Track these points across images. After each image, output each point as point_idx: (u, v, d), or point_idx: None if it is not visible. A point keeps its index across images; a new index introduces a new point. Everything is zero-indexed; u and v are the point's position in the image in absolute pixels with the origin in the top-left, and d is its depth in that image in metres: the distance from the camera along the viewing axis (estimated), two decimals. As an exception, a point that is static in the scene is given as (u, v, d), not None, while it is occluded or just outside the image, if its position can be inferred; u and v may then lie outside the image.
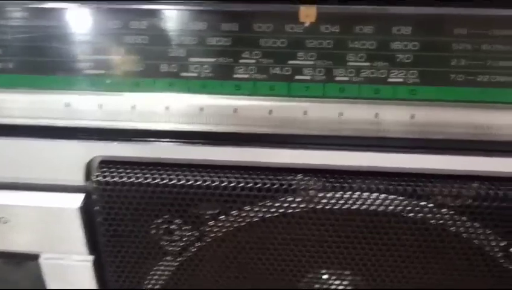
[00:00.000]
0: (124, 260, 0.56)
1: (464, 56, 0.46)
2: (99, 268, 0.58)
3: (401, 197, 0.50)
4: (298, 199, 0.50)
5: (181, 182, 0.50)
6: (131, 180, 0.51)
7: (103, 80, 0.49)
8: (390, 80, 0.48)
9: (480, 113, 0.48)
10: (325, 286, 0.61)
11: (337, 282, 0.59)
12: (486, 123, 0.48)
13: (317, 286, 0.61)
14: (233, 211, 0.51)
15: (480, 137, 0.48)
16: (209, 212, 0.52)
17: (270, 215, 0.51)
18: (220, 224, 0.52)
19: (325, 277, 0.60)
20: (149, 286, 0.57)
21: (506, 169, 0.50)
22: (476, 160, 0.50)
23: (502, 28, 0.45)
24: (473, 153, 0.49)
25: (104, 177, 0.51)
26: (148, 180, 0.51)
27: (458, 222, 0.50)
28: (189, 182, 0.50)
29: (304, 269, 0.58)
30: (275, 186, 0.50)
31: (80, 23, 0.48)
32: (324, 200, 0.50)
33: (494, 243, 0.51)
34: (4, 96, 0.50)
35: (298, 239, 0.55)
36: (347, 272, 0.59)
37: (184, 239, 0.53)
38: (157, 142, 0.51)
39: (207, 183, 0.50)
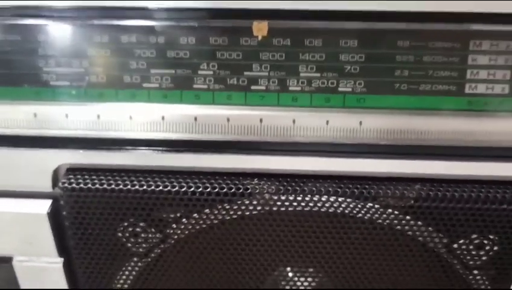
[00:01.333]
0: (92, 262, 0.58)
1: (407, 67, 0.50)
2: (69, 269, 0.61)
3: (349, 199, 0.53)
4: (254, 202, 0.53)
5: (144, 188, 0.53)
6: (97, 186, 0.53)
7: (69, 91, 0.51)
8: (339, 89, 0.51)
9: (421, 120, 0.51)
10: (291, 283, 0.63)
11: (302, 279, 0.62)
12: (427, 129, 0.51)
13: (283, 283, 0.63)
14: (194, 214, 0.54)
15: (421, 142, 0.52)
16: (172, 215, 0.55)
17: (228, 217, 0.54)
18: (182, 226, 0.54)
19: (290, 274, 0.63)
20: (118, 286, 0.60)
21: (444, 171, 0.53)
22: (418, 163, 0.53)
23: (441, 41, 0.49)
24: (415, 157, 0.53)
25: (71, 183, 0.53)
26: (112, 186, 0.53)
27: (403, 221, 0.54)
28: (152, 187, 0.53)
29: (268, 268, 0.60)
30: (232, 190, 0.53)
31: (45, 38, 0.50)
32: (279, 203, 0.53)
33: (437, 240, 0.54)
34: None
35: (257, 240, 0.57)
36: (310, 270, 0.62)
37: (149, 241, 0.56)
38: (121, 150, 0.53)
39: (168, 188, 0.53)
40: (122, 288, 0.61)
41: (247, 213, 0.53)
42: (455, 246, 0.55)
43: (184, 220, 0.54)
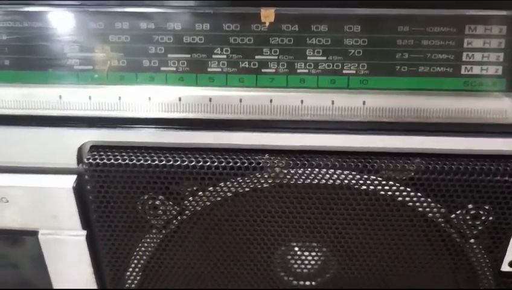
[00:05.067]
0: (114, 234, 0.64)
1: (407, 50, 0.57)
2: (92, 242, 0.67)
3: (353, 173, 0.59)
4: (265, 176, 0.60)
5: (162, 163, 0.60)
6: (118, 161, 0.60)
7: (91, 75, 0.59)
8: (344, 71, 0.58)
9: (420, 100, 0.58)
10: (296, 258, 0.69)
11: (306, 253, 0.69)
12: (426, 108, 0.58)
13: (289, 257, 0.69)
14: (210, 188, 0.60)
15: (420, 120, 0.59)
16: (188, 189, 0.61)
17: (241, 190, 0.60)
18: (198, 199, 0.61)
19: (296, 249, 0.69)
20: (138, 257, 0.66)
21: (442, 146, 0.60)
22: (417, 139, 0.60)
23: (438, 26, 0.56)
24: (415, 133, 0.59)
25: (94, 159, 0.60)
26: (133, 161, 0.60)
27: (404, 193, 0.60)
28: (170, 162, 0.60)
29: (276, 242, 0.67)
30: (245, 164, 0.60)
31: (69, 25, 0.57)
32: (288, 176, 0.60)
33: (436, 211, 0.61)
34: (4, 90, 0.59)
35: (268, 212, 0.63)
36: (314, 244, 0.68)
37: (167, 214, 0.63)
38: (141, 129, 0.60)
39: (185, 163, 0.59)
40: (140, 263, 0.67)
41: (259, 186, 0.60)
42: (453, 216, 0.61)
43: (200, 193, 0.61)
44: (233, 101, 0.59)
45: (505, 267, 0.66)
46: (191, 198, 0.62)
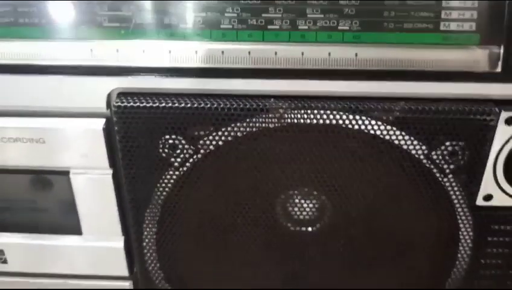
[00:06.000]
0: (137, 172, 0.69)
1: (393, 9, 0.62)
2: (117, 180, 0.72)
3: (347, 113, 0.65)
4: (271, 116, 0.65)
5: (181, 106, 0.65)
6: (142, 105, 0.65)
7: (118, 31, 0.64)
8: (339, 27, 0.63)
9: (405, 52, 0.64)
10: (297, 207, 0.75)
11: (307, 201, 0.75)
12: (410, 58, 0.64)
13: (288, 205, 0.75)
14: (222, 128, 0.66)
15: (405, 68, 0.64)
16: (202, 131, 0.67)
17: (250, 130, 0.66)
18: (211, 139, 0.67)
19: (295, 197, 0.75)
20: (158, 193, 0.71)
21: (424, 91, 0.65)
22: (402, 85, 0.65)
23: None
24: (400, 79, 0.65)
25: (122, 103, 0.65)
26: (155, 105, 0.65)
27: (390, 132, 0.66)
28: (188, 106, 0.65)
29: (278, 187, 0.73)
30: (253, 106, 0.65)
31: None
32: (291, 116, 0.66)
33: (418, 148, 0.66)
34: (43, 44, 0.65)
35: (272, 156, 0.69)
36: (315, 193, 0.74)
37: (184, 153, 0.68)
38: (162, 77, 0.66)
39: (201, 106, 0.65)
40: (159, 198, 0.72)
41: (265, 126, 0.66)
42: (433, 153, 0.67)
43: (213, 134, 0.67)
44: (243, 54, 0.65)
45: (479, 202, 0.71)
46: (205, 138, 0.67)
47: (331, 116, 0.66)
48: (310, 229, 0.77)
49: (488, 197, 0.72)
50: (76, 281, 0.84)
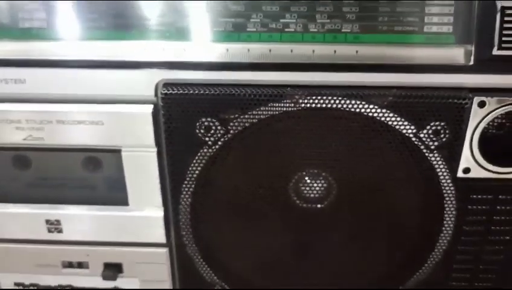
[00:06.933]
0: (177, 149, 0.79)
1: (386, 15, 0.72)
2: (159, 157, 0.81)
3: (350, 99, 0.75)
4: (288, 101, 0.75)
5: (215, 93, 0.75)
6: (184, 92, 0.75)
7: (163, 34, 0.74)
8: (342, 30, 0.73)
9: (396, 50, 0.74)
10: (307, 187, 0.84)
11: (316, 183, 0.84)
12: (399, 55, 0.74)
13: (300, 186, 0.83)
14: (248, 112, 0.75)
15: (396, 62, 0.74)
16: (232, 115, 0.77)
17: (272, 113, 0.75)
18: (240, 121, 0.77)
19: (306, 178, 0.83)
20: (193, 168, 0.81)
21: (412, 80, 0.75)
22: (394, 76, 0.74)
23: None
24: (392, 71, 0.74)
25: (167, 91, 0.75)
26: (194, 93, 0.75)
27: (385, 114, 0.75)
28: (220, 93, 0.75)
29: (293, 168, 0.82)
30: (274, 94, 0.75)
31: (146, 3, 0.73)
32: (304, 101, 0.75)
33: (408, 128, 0.76)
34: (102, 44, 0.75)
35: (292, 134, 0.78)
36: (323, 173, 0.83)
37: (216, 133, 0.77)
38: (200, 70, 0.76)
39: (231, 93, 0.75)
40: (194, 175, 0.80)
41: (284, 109, 0.75)
42: (420, 132, 0.76)
43: (241, 117, 0.76)
44: (265, 51, 0.74)
45: (460, 174, 0.80)
46: (234, 120, 0.77)
47: (337, 101, 0.75)
48: (318, 205, 0.86)
49: (467, 170, 0.81)
50: (119, 248, 0.93)
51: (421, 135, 0.77)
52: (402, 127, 0.77)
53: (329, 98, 0.76)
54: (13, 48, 0.77)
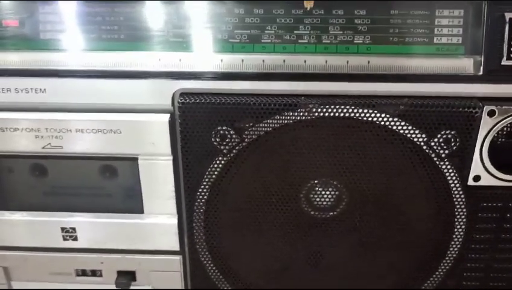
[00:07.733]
0: (193, 157, 0.80)
1: (397, 27, 0.74)
2: (175, 165, 0.83)
3: (361, 108, 0.76)
4: (302, 110, 0.76)
5: (231, 102, 0.77)
6: (200, 102, 0.77)
7: (181, 45, 0.77)
8: (355, 41, 0.75)
9: (407, 60, 0.76)
10: (318, 196, 0.85)
11: (327, 191, 0.85)
12: (410, 65, 0.76)
13: (311, 195, 0.85)
14: (263, 121, 0.77)
15: (408, 72, 0.76)
16: (248, 123, 0.78)
17: (286, 122, 0.76)
18: (254, 130, 0.78)
19: (317, 187, 0.85)
20: (208, 176, 0.82)
21: (422, 90, 0.76)
22: (405, 85, 0.76)
23: (418, 10, 0.74)
24: (404, 81, 0.76)
25: (184, 101, 0.77)
26: (210, 102, 0.77)
27: (397, 123, 0.77)
28: (235, 102, 0.77)
29: (305, 177, 0.83)
30: (288, 103, 0.76)
31: (165, 14, 0.77)
32: (318, 110, 0.76)
33: (419, 136, 0.77)
34: (123, 54, 0.78)
35: (305, 142, 0.79)
36: (334, 182, 0.84)
37: (231, 141, 0.79)
38: (215, 80, 0.78)
39: (247, 102, 0.77)
40: (210, 180, 0.82)
41: (298, 118, 0.77)
42: (431, 140, 0.77)
43: (256, 126, 0.77)
44: (279, 62, 0.76)
45: (470, 182, 0.81)
46: (249, 130, 0.78)
47: (350, 110, 0.77)
48: (329, 214, 0.88)
49: (477, 178, 0.82)
50: (133, 255, 0.94)
51: (432, 144, 0.78)
52: (413, 136, 0.78)
53: (342, 107, 0.77)
54: (34, 58, 0.79)
